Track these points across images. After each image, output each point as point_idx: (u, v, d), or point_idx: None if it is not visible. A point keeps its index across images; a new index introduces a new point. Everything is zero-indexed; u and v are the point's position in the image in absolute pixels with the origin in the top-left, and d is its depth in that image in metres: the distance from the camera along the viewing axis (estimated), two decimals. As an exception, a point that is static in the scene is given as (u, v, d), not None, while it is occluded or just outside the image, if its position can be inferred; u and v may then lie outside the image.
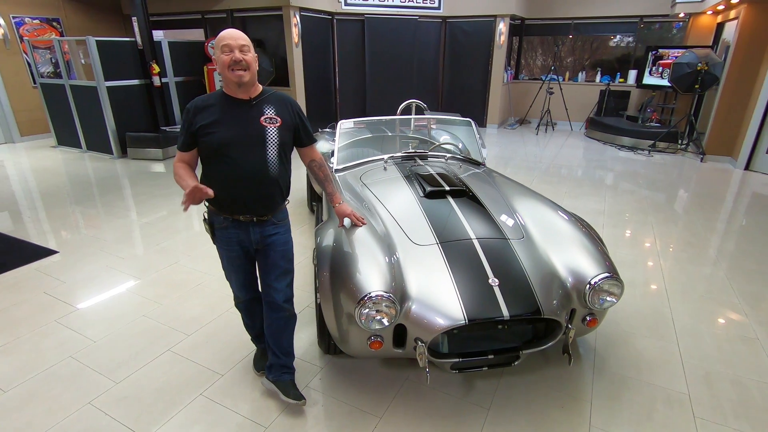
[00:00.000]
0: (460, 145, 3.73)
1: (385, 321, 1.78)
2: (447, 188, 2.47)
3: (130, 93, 6.34)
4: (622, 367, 2.26)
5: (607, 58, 9.61)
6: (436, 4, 8.29)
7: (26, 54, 7.09)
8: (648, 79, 7.96)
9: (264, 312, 2.02)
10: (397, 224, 2.22)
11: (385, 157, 3.05)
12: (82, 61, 6.53)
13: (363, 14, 7.96)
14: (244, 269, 2.00)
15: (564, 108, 8.82)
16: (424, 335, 1.81)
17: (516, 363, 1.98)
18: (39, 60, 7.10)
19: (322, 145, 3.81)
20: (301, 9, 7.06)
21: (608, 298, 1.96)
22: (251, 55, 1.74)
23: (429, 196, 2.44)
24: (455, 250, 2.03)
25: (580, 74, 9.07)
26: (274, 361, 2.03)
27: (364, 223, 2.15)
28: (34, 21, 7.23)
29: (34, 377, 2.15)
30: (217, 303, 2.76)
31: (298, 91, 7.36)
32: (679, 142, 7.08)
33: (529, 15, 8.94)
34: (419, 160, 3.05)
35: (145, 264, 3.27)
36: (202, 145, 1.77)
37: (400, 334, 1.88)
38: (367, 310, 1.76)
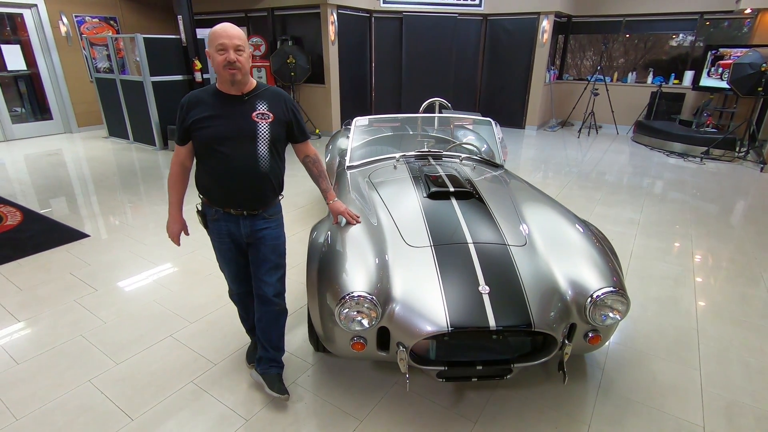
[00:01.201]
0: (484, 147, 3.61)
1: (365, 322, 1.73)
2: (451, 189, 2.38)
3: (174, 88, 6.64)
4: (631, 390, 2.08)
5: (661, 57, 8.99)
6: (477, 2, 8.09)
7: (85, 50, 7.61)
8: (706, 81, 7.37)
9: (255, 305, 2.03)
10: (394, 224, 2.16)
11: (397, 155, 3.00)
12: (136, 58, 6.93)
13: (401, 12, 7.91)
14: (236, 262, 2.02)
15: (610, 110, 8.35)
16: (406, 340, 1.74)
17: (508, 376, 1.87)
18: (96, 56, 7.61)
19: (341, 142, 3.81)
20: (339, 7, 7.11)
21: (611, 315, 1.81)
22: (245, 55, 1.73)
23: (432, 196, 2.37)
24: (448, 253, 1.95)
25: (630, 75, 8.54)
26: (263, 354, 2.04)
27: (358, 222, 2.12)
28: (94, 20, 7.75)
29: (45, 352, 2.28)
30: (224, 293, 2.81)
31: (333, 88, 7.43)
32: (737, 149, 6.50)
33: (577, 12, 8.53)
34: (432, 160, 2.97)
35: (165, 251, 3.40)
36: (194, 139, 1.80)
37: (384, 337, 1.83)
38: (347, 309, 1.72)
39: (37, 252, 3.36)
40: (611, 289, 1.80)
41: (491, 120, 3.39)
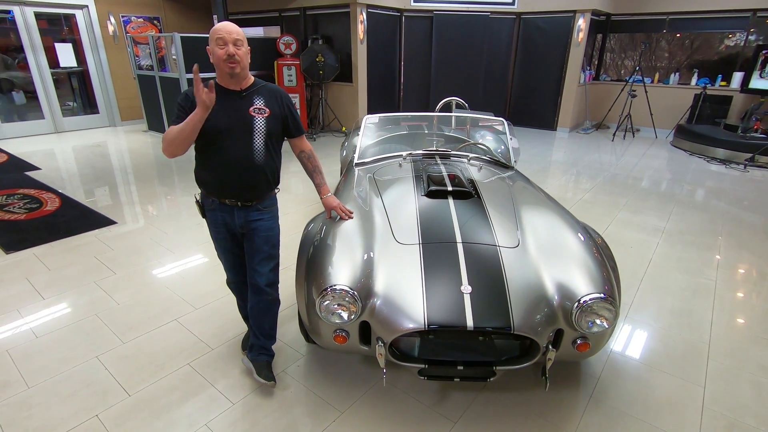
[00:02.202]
0: (501, 148, 3.55)
1: (345, 316, 1.76)
2: (449, 189, 2.37)
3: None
4: (625, 403, 2.00)
5: (708, 58, 8.48)
6: (510, 0, 7.93)
7: (129, 48, 8.05)
8: (756, 83, 6.89)
9: (248, 294, 2.11)
10: (388, 221, 2.18)
11: (404, 154, 3.01)
12: (174, 56, 7.27)
13: (432, 10, 7.87)
14: (232, 251, 2.10)
15: (649, 113, 7.96)
16: (385, 335, 1.76)
17: (491, 379, 1.86)
18: (140, 54, 8.03)
19: (356, 140, 3.84)
20: (369, 6, 7.17)
21: (597, 321, 1.75)
22: (244, 50, 1.81)
23: (430, 195, 2.36)
24: (435, 251, 1.95)
25: (672, 76, 8.12)
26: (254, 342, 2.12)
27: (350, 217, 2.15)
28: (139, 19, 8.18)
29: (62, 328, 2.46)
30: (230, 282, 2.93)
31: (360, 86, 7.50)
32: (787, 157, 6.05)
33: (616, 10, 8.19)
34: (439, 160, 2.96)
35: (184, 240, 3.56)
36: None
37: (366, 331, 1.85)
38: (327, 302, 1.76)
39: (68, 236, 3.61)
40: (600, 295, 1.74)
41: (503, 120, 3.33)
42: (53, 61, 7.44)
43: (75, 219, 3.94)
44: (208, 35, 1.84)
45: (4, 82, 7.30)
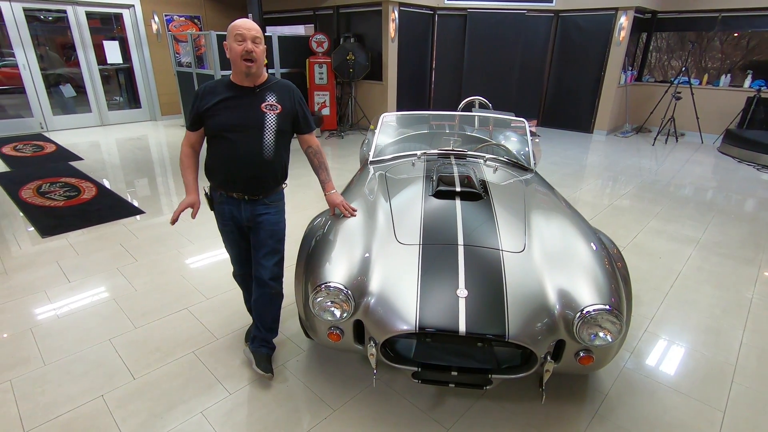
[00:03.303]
0: (525, 149, 3.44)
1: (337, 313, 1.75)
2: (457, 189, 2.31)
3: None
4: (633, 422, 1.89)
5: (765, 59, 7.89)
6: (548, -3, 7.68)
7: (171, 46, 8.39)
8: (818, 86, 6.35)
9: (253, 287, 2.14)
10: (392, 220, 2.15)
11: (418, 153, 2.96)
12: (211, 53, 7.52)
13: (466, 9, 7.74)
14: (238, 244, 2.14)
15: (695, 116, 7.50)
16: (377, 335, 1.74)
17: (488, 387, 1.79)
18: (180, 51, 8.35)
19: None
20: (401, 4, 7.13)
21: (600, 334, 1.65)
22: (261, 48, 1.85)
23: (438, 195, 2.32)
24: (435, 253, 1.90)
25: (723, 77, 7.61)
26: (256, 334, 2.15)
27: (353, 214, 2.14)
28: (181, 18, 8.51)
29: (82, 310, 2.59)
30: (243, 274, 2.99)
31: (390, 85, 7.48)
32: None
33: (663, 7, 7.76)
34: (454, 159, 2.89)
35: (205, 232, 3.67)
36: (206, 126, 1.93)
37: (361, 330, 1.84)
38: (320, 298, 1.76)
39: (99, 223, 3.80)
40: (605, 307, 1.65)
41: (524, 120, 3.22)
42: (101, 57, 7.86)
43: (107, 207, 4.14)
44: None
45: (60, 77, 7.78)
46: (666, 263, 3.28)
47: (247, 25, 1.82)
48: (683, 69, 7.26)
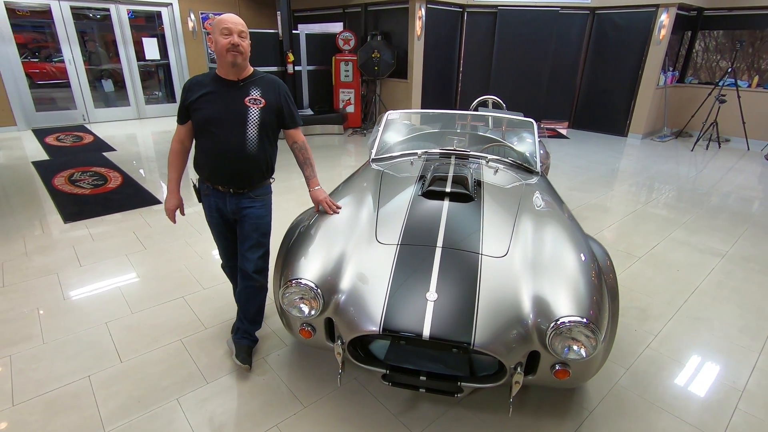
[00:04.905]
0: (541, 152, 3.30)
1: (305, 309, 1.74)
2: (447, 190, 2.24)
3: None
4: (615, 443, 1.77)
5: (826, 59, 7.25)
6: (584, -6, 7.38)
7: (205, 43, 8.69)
8: None
9: (238, 279, 2.17)
10: (375, 219, 2.12)
11: (419, 152, 2.91)
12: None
13: (496, 6, 7.55)
14: (225, 236, 2.18)
15: (741, 121, 6.99)
16: (345, 334, 1.72)
17: (458, 395, 1.74)
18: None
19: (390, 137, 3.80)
20: (429, 2, 7.05)
21: (575, 348, 1.56)
22: (247, 42, 1.88)
23: (427, 195, 2.26)
24: (411, 254, 1.86)
25: (775, 79, 7.05)
26: (240, 325, 2.18)
27: (336, 212, 2.13)
28: (216, 16, 8.77)
29: (87, 295, 2.71)
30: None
31: (415, 83, 7.42)
32: None
33: (710, 4, 7.27)
34: (454, 159, 2.82)
35: (213, 223, 3.76)
36: (192, 119, 1.98)
37: (332, 328, 1.82)
38: (289, 293, 1.76)
39: (118, 211, 3.98)
40: (581, 319, 1.55)
41: (533, 121, 3.09)
42: (140, 54, 8.24)
43: (128, 197, 4.33)
44: (272, 31, 1.91)
45: (102, 72, 8.23)
46: (683, 276, 3.07)
47: (233, 20, 1.85)
48: (729, 70, 6.78)
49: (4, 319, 2.45)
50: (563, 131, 8.12)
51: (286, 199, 4.26)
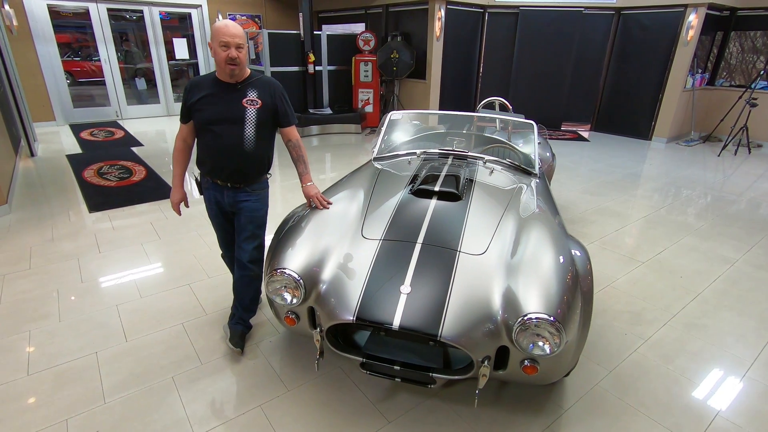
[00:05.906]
0: (547, 155, 3.32)
1: (288, 297, 1.85)
2: (435, 189, 2.31)
3: (289, 78, 7.43)
4: (586, 442, 1.80)
5: None
6: (609, -6, 7.22)
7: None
8: None
9: (234, 268, 2.31)
10: (364, 215, 2.21)
11: (418, 152, 2.98)
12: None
13: (518, 6, 7.49)
14: (224, 228, 2.32)
15: (774, 126, 6.70)
16: (324, 322, 1.81)
17: (432, 386, 1.80)
18: (240, 48, 8.91)
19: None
20: (449, 2, 7.07)
21: (540, 344, 1.60)
22: (244, 51, 2.00)
23: (417, 194, 2.33)
24: (391, 249, 1.93)
25: (813, 83, 6.71)
26: (235, 312, 2.32)
27: (326, 207, 2.23)
28: (243, 17, 9.07)
29: (104, 280, 2.91)
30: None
31: (433, 84, 7.45)
32: None
33: (743, 4, 6.98)
34: (452, 160, 2.87)
35: (225, 217, 3.94)
36: (193, 119, 2.12)
37: (315, 316, 1.92)
38: (273, 282, 1.86)
39: (139, 203, 4.21)
40: (547, 317, 1.59)
41: (533, 123, 3.10)
42: (170, 54, 8.60)
43: (149, 189, 4.58)
44: (295, 32, 2.03)
45: (136, 70, 8.64)
46: (686, 283, 3.02)
47: (231, 31, 1.94)
48: (761, 73, 6.50)
49: (29, 297, 2.67)
50: (585, 134, 7.97)
51: (294, 196, 4.40)
